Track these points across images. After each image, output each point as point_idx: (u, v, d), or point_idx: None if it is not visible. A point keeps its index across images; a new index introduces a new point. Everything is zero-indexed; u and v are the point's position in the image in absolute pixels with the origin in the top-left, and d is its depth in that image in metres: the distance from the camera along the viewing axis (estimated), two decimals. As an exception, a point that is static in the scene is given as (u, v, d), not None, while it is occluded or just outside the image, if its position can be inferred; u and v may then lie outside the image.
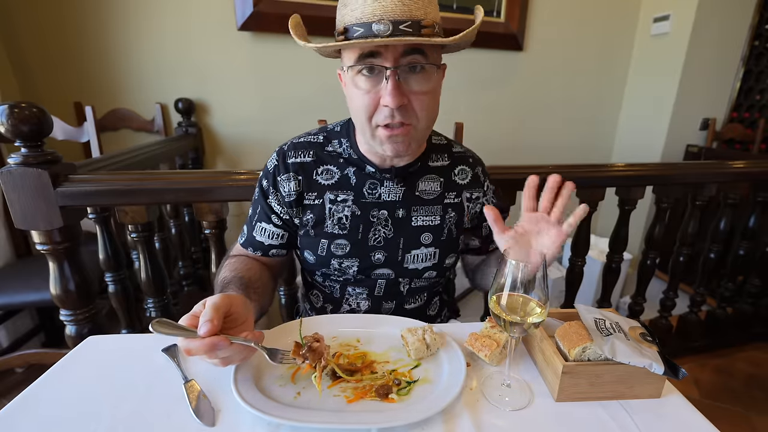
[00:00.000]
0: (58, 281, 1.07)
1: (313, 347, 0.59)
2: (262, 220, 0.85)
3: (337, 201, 0.81)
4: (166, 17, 1.90)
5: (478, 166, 0.90)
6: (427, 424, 0.55)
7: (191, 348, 0.53)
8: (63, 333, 1.14)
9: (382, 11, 0.62)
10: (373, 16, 0.62)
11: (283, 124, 2.16)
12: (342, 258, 0.83)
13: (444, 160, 0.87)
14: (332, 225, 0.81)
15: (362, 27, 0.63)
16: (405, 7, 0.62)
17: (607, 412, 0.59)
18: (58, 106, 1.89)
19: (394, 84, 0.65)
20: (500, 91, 2.46)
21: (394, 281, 0.86)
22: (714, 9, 2.23)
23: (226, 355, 0.55)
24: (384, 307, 0.88)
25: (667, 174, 1.46)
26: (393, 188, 0.82)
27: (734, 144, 2.63)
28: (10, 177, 0.95)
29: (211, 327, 0.53)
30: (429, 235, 0.84)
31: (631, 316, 1.74)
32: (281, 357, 0.60)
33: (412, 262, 0.84)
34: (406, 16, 0.62)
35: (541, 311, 0.57)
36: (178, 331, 0.54)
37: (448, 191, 0.86)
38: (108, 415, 0.56)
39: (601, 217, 2.87)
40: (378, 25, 0.62)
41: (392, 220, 0.83)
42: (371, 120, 0.70)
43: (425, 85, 0.69)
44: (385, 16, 0.62)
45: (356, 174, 0.81)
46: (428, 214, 0.84)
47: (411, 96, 0.68)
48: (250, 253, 0.87)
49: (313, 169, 0.81)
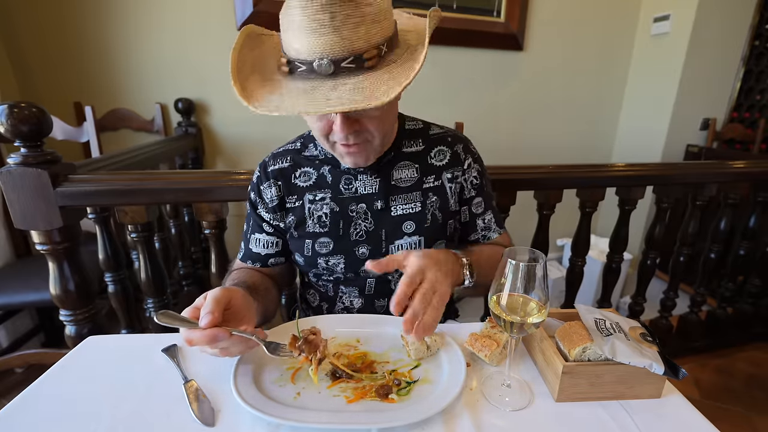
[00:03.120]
0: (57, 281, 1.07)
1: (309, 339, 0.60)
2: (256, 231, 0.87)
3: (315, 200, 0.83)
4: (166, 17, 1.90)
5: (457, 144, 0.87)
6: (427, 424, 0.55)
7: (193, 338, 0.55)
8: (63, 333, 1.14)
9: (321, 49, 0.58)
10: (314, 53, 0.59)
11: (283, 124, 2.13)
12: (327, 256, 0.83)
13: (419, 145, 0.86)
14: (313, 224, 0.83)
15: (304, 64, 0.61)
16: (345, 41, 0.58)
17: (607, 412, 0.59)
18: (58, 106, 1.89)
19: (343, 120, 0.66)
20: (500, 91, 2.46)
21: (383, 278, 0.86)
22: (714, 9, 2.23)
23: (226, 346, 0.57)
24: (377, 304, 0.88)
25: (667, 174, 1.46)
26: (368, 180, 0.82)
27: (734, 144, 2.63)
28: (10, 177, 0.95)
29: (212, 318, 0.55)
30: (411, 224, 0.84)
31: (631, 316, 1.74)
32: (279, 350, 0.61)
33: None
34: (347, 52, 0.59)
35: (541, 311, 0.57)
36: (181, 323, 0.57)
37: (426, 176, 0.85)
38: (108, 415, 0.56)
39: (601, 217, 2.87)
40: (320, 62, 0.59)
41: (371, 213, 0.83)
42: (328, 138, 0.72)
43: (374, 112, 0.68)
44: (324, 55, 0.59)
45: (331, 172, 0.83)
46: (407, 201, 0.84)
47: (363, 119, 0.68)
48: (250, 266, 0.89)
49: (291, 173, 0.84)
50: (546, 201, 1.38)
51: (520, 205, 1.31)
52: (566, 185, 1.37)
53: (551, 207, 1.40)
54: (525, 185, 1.30)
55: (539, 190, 1.37)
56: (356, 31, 0.58)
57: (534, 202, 1.41)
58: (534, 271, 0.56)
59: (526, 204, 1.44)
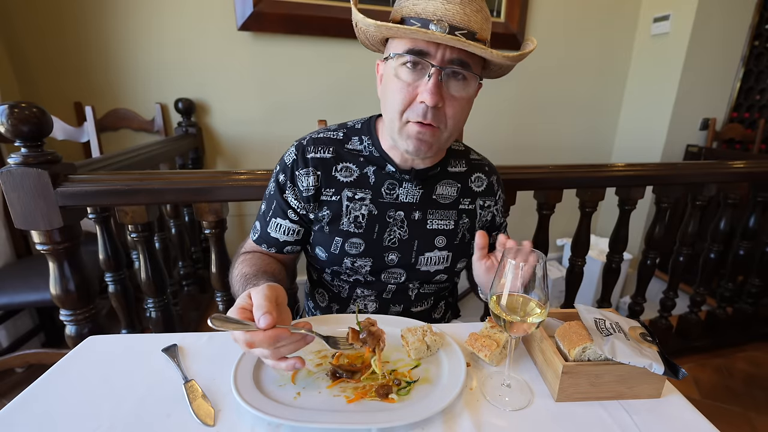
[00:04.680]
0: (58, 281, 1.07)
1: (372, 330, 0.60)
2: (278, 216, 0.83)
3: (354, 199, 0.80)
4: (166, 17, 1.90)
5: (493, 175, 0.91)
6: (427, 424, 0.55)
7: (254, 340, 0.53)
8: (63, 333, 1.14)
9: (443, 13, 0.63)
10: (434, 16, 0.63)
11: (283, 125, 2.16)
12: (355, 257, 0.82)
13: (462, 167, 0.87)
14: (348, 223, 0.81)
15: (419, 22, 0.64)
16: (466, 16, 0.64)
17: (607, 412, 0.59)
18: (58, 106, 1.89)
19: (436, 82, 0.66)
20: (500, 91, 2.46)
21: (404, 285, 0.86)
22: (714, 9, 2.23)
23: (285, 345, 0.55)
24: (391, 310, 0.88)
25: (667, 174, 1.46)
26: (411, 190, 0.82)
27: (734, 144, 2.63)
28: (10, 177, 0.95)
29: (271, 319, 0.52)
30: (443, 239, 0.85)
31: (631, 316, 1.74)
32: (338, 343, 0.61)
33: (425, 265, 0.85)
34: (464, 24, 0.64)
35: (541, 311, 0.57)
36: (236, 325, 0.53)
37: (464, 197, 0.86)
38: (108, 415, 0.56)
39: (601, 217, 2.87)
40: (435, 26, 0.63)
41: (408, 222, 0.83)
42: (403, 114, 0.70)
43: (463, 92, 0.70)
44: (444, 18, 0.63)
45: (376, 173, 0.81)
46: (443, 218, 0.85)
47: (447, 99, 0.69)
48: (264, 250, 0.85)
49: (333, 166, 0.80)
50: (546, 201, 1.38)
51: (520, 205, 1.31)
52: (566, 185, 1.37)
53: (551, 207, 1.40)
54: (525, 185, 1.30)
55: (539, 190, 1.37)
56: (476, 14, 0.65)
57: (534, 202, 1.41)
58: (534, 271, 0.56)
59: (526, 204, 1.44)
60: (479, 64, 0.71)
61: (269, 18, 1.91)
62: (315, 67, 2.09)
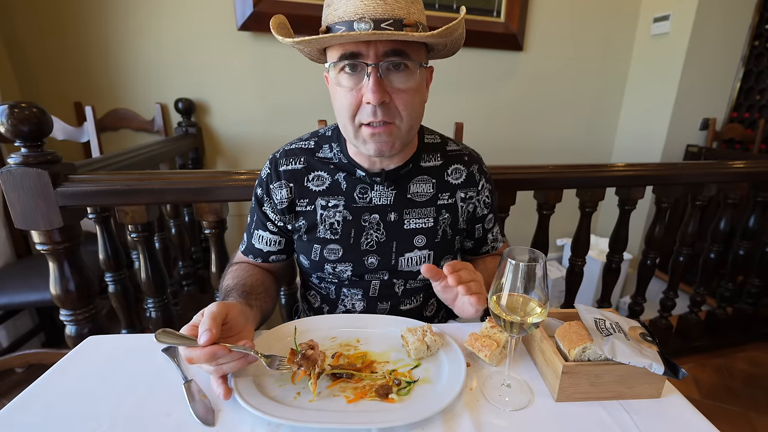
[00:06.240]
0: (58, 281, 1.07)
1: (307, 354, 0.59)
2: (259, 228, 0.86)
3: (328, 207, 0.81)
4: (167, 17, 1.90)
5: (474, 164, 0.88)
6: (427, 424, 0.55)
7: (192, 356, 0.55)
8: (63, 333, 1.14)
9: (363, 10, 0.62)
10: (355, 15, 0.62)
11: (283, 124, 2.16)
12: (335, 262, 0.83)
13: (437, 160, 0.85)
14: (324, 230, 0.82)
15: (344, 25, 0.63)
16: (387, 6, 0.62)
17: (607, 412, 0.59)
18: (58, 106, 1.89)
19: (375, 80, 0.65)
20: (500, 91, 2.46)
21: (389, 282, 0.86)
22: (714, 9, 2.23)
23: (225, 362, 0.57)
24: (379, 307, 0.88)
25: (667, 174, 1.46)
26: (384, 192, 0.81)
27: (734, 144, 2.63)
28: (10, 177, 0.95)
29: (210, 336, 0.54)
30: (422, 238, 0.84)
31: (631, 316, 1.74)
32: (278, 364, 0.60)
33: (406, 265, 0.84)
34: (388, 14, 0.62)
35: (541, 311, 0.57)
36: (181, 340, 0.56)
37: (442, 192, 0.85)
38: (108, 414, 0.56)
39: (601, 217, 2.87)
40: (360, 24, 0.62)
41: (384, 224, 0.82)
42: (354, 119, 0.70)
43: (407, 83, 0.68)
44: (366, 14, 0.62)
45: (347, 179, 0.81)
46: (420, 216, 0.84)
47: (393, 94, 0.68)
48: (251, 260, 0.88)
49: (304, 176, 0.81)
50: (546, 201, 1.38)
51: (520, 205, 1.31)
52: (566, 185, 1.37)
53: (551, 207, 1.40)
54: (525, 185, 1.30)
55: (539, 190, 1.37)
56: (399, 0, 0.63)
57: (534, 202, 1.41)
58: (534, 271, 0.56)
59: (526, 204, 1.45)
60: (420, 49, 0.69)
61: (269, 18, 1.90)
62: (315, 67, 2.07)
